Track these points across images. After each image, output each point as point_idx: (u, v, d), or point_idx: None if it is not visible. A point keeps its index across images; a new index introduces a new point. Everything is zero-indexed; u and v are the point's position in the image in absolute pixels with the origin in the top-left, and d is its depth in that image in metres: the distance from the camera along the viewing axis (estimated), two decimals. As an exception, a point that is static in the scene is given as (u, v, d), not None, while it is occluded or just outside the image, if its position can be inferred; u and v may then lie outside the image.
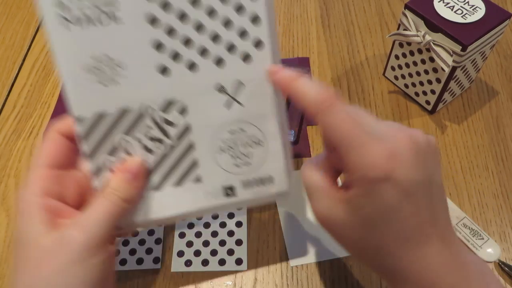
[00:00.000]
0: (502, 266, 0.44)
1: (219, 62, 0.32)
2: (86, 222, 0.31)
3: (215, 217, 0.48)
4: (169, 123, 0.33)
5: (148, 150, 0.33)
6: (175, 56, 0.31)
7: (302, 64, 0.61)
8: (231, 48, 0.32)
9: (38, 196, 0.31)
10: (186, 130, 0.33)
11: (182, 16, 0.31)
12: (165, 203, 0.34)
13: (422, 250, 0.28)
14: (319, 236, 0.46)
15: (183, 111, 0.33)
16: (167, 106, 0.32)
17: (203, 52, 0.32)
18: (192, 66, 0.32)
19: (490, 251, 0.45)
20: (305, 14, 0.68)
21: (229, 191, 0.35)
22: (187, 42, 0.31)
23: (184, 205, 0.35)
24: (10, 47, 0.64)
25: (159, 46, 0.31)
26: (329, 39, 0.64)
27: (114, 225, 0.32)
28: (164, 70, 0.31)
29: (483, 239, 0.45)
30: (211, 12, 0.31)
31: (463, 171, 0.51)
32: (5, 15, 0.69)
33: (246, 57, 0.32)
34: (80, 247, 0.30)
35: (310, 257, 0.45)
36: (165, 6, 0.30)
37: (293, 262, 0.45)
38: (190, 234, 0.47)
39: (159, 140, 0.33)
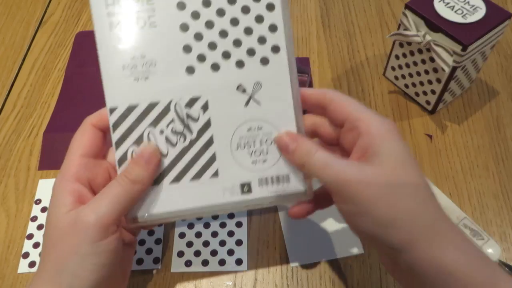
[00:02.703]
0: (503, 266, 0.44)
1: (239, 64, 0.35)
2: (97, 203, 0.32)
3: (215, 217, 0.48)
4: (191, 118, 0.35)
5: (170, 143, 0.35)
6: (201, 58, 0.35)
7: (302, 64, 0.61)
8: (250, 52, 0.35)
9: (69, 181, 0.33)
10: (207, 125, 0.36)
11: (209, 24, 0.35)
12: (183, 196, 0.36)
13: (421, 208, 0.31)
14: (319, 236, 0.46)
15: (205, 107, 0.35)
16: (191, 102, 0.35)
17: (225, 55, 0.35)
18: (215, 67, 0.35)
19: (490, 251, 0.45)
20: (305, 14, 0.68)
21: (246, 187, 0.36)
22: (212, 46, 0.35)
23: (201, 199, 0.36)
24: (10, 47, 0.64)
25: (187, 49, 0.35)
26: (329, 39, 0.64)
27: (125, 207, 0.33)
28: (190, 70, 0.35)
29: (483, 239, 0.45)
30: (234, 21, 0.35)
31: (463, 171, 0.51)
32: (5, 15, 0.69)
33: (264, 61, 0.35)
34: (91, 227, 0.31)
35: (310, 257, 0.45)
36: (195, 16, 0.35)
37: (293, 262, 0.45)
38: (190, 234, 0.47)
39: (181, 134, 0.35)
